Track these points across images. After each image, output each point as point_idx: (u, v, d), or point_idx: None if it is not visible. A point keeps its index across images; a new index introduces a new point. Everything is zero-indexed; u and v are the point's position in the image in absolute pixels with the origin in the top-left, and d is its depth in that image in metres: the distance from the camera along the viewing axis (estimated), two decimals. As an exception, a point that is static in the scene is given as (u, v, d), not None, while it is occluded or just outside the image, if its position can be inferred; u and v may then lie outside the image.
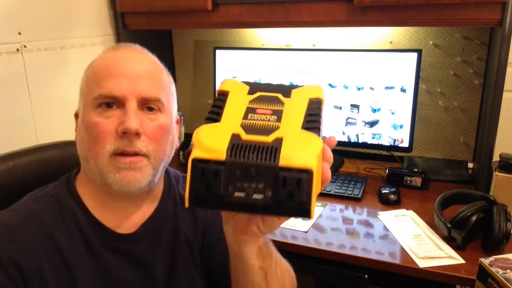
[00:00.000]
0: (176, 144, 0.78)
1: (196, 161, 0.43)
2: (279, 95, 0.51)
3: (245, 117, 0.47)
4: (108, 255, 0.71)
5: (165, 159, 0.73)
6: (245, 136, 0.44)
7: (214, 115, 0.48)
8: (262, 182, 0.42)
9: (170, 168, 0.83)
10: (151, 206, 0.78)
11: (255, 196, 0.43)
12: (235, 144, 0.43)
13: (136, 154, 0.67)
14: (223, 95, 0.51)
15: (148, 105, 0.70)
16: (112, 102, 0.68)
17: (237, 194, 0.43)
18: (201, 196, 0.43)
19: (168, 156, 0.75)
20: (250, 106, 0.49)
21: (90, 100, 0.69)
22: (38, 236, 0.67)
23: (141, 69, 0.70)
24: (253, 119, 0.47)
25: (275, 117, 0.48)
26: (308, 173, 0.42)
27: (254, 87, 0.52)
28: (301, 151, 0.43)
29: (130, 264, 0.73)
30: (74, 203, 0.72)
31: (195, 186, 0.43)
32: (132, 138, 0.66)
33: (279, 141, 0.44)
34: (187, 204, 0.43)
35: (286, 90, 0.53)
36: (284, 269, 0.70)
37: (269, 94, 0.51)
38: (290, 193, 0.42)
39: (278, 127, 0.46)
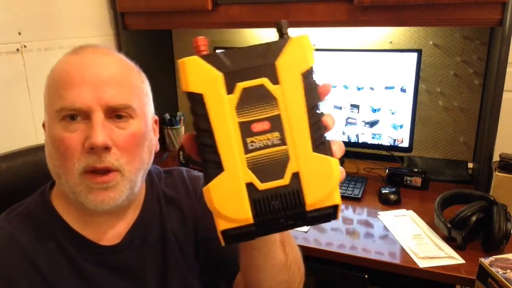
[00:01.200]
0: (156, 147, 0.73)
1: (225, 232, 0.43)
2: (265, 81, 0.42)
3: (246, 147, 0.42)
4: (93, 270, 0.68)
5: (143, 168, 0.69)
6: (260, 186, 0.42)
7: (211, 153, 0.42)
8: (292, 221, 0.43)
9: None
10: (136, 211, 0.74)
11: (289, 222, 0.44)
12: (256, 201, 0.42)
13: (107, 170, 0.62)
14: (199, 102, 0.42)
15: (116, 113, 0.64)
16: (76, 114, 0.62)
17: (271, 228, 0.44)
18: (236, 242, 0.45)
19: (147, 163, 0.70)
20: (241, 120, 0.42)
21: (53, 113, 0.63)
22: (16, 260, 0.64)
23: (105, 74, 0.64)
24: (256, 148, 0.42)
25: (277, 134, 0.42)
26: (335, 207, 0.43)
27: (228, 72, 0.42)
28: (324, 188, 0.42)
29: (119, 276, 0.70)
30: (51, 219, 0.68)
31: (229, 240, 0.44)
32: (101, 153, 0.61)
33: (296, 178, 0.42)
34: (223, 243, 0.44)
35: (269, 66, 0.43)
36: (294, 242, 0.68)
37: (253, 83, 0.42)
38: (320, 221, 0.44)
39: (287, 155, 0.42)
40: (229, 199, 0.42)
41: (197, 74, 0.42)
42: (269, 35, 1.77)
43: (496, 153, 1.32)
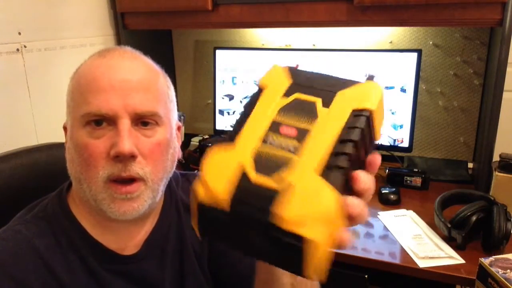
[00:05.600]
0: (179, 155, 0.72)
1: (201, 205, 0.41)
2: (318, 102, 0.43)
3: (265, 139, 0.41)
4: (112, 279, 0.66)
5: (166, 176, 0.68)
6: (254, 177, 0.39)
7: (237, 124, 0.43)
8: (262, 232, 0.39)
9: None
10: (154, 219, 0.72)
11: (260, 244, 0.40)
12: (241, 189, 0.39)
13: (132, 178, 0.61)
14: (259, 92, 0.46)
15: (143, 120, 0.63)
16: (101, 120, 0.61)
17: (243, 231, 0.41)
18: (210, 233, 0.43)
19: (169, 172, 0.68)
20: (276, 118, 0.43)
21: (78, 117, 0.62)
22: (34, 267, 0.62)
23: (133, 79, 0.62)
24: (272, 145, 0.41)
25: (296, 143, 0.41)
26: (306, 242, 0.37)
27: (296, 83, 0.45)
28: (302, 212, 0.37)
29: (137, 287, 0.68)
30: (70, 224, 0.66)
31: (203, 225, 0.42)
32: (127, 161, 0.60)
33: (287, 189, 0.38)
34: (199, 237, 0.43)
35: (331, 93, 0.43)
36: (313, 285, 0.65)
37: (308, 99, 0.44)
38: (285, 256, 0.39)
39: (292, 164, 0.40)
40: (220, 171, 0.40)
41: (273, 75, 0.48)
42: (269, 34, 1.77)
43: (496, 153, 1.32)
